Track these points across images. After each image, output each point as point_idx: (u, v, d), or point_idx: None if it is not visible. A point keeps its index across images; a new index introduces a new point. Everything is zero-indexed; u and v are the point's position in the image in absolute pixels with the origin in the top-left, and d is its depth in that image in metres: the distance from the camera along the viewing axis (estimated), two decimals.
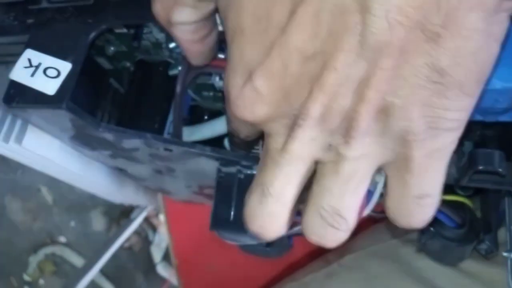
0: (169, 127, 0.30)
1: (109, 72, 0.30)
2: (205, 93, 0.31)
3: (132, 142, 0.25)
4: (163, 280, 0.85)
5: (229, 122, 0.24)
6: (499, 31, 0.16)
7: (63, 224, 0.88)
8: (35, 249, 0.89)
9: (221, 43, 0.23)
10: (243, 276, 0.41)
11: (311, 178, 0.19)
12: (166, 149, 0.25)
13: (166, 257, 0.85)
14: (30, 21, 0.24)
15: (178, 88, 0.26)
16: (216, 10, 0.19)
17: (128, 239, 0.84)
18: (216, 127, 0.29)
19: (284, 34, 0.15)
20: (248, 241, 0.27)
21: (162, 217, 0.83)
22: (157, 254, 0.85)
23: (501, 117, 0.23)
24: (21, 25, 0.24)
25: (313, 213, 0.18)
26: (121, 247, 0.84)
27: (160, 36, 0.26)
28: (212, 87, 0.29)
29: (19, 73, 0.22)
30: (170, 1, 0.19)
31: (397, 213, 0.18)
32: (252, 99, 0.17)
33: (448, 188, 0.27)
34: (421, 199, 0.17)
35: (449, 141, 0.16)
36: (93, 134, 0.24)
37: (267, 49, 0.16)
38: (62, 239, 0.89)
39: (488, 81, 0.20)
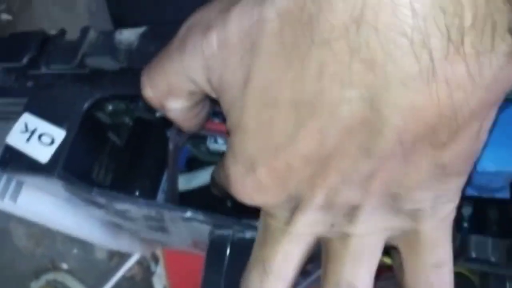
0: (164, 184, 0.30)
1: (107, 126, 0.31)
2: (203, 147, 0.31)
3: (124, 205, 0.25)
4: None
5: (217, 174, 0.24)
6: (490, 124, 0.16)
7: (65, 251, 0.88)
8: (36, 275, 0.89)
9: (214, 107, 0.23)
10: None
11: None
12: (158, 213, 0.25)
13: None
14: (29, 84, 0.25)
15: (171, 148, 0.27)
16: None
17: (130, 269, 0.84)
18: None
19: (290, 141, 0.15)
20: None
21: (159, 252, 0.83)
22: (158, 284, 0.84)
23: (496, 194, 0.23)
24: (21, 88, 0.25)
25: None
26: (123, 276, 0.84)
27: None
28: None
29: (15, 138, 0.23)
30: (163, 91, 0.19)
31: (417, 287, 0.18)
32: (254, 188, 0.17)
33: None
34: (438, 268, 0.18)
35: (450, 210, 0.17)
36: (86, 197, 0.24)
37: (271, 150, 0.16)
38: (64, 265, 0.89)
39: (482, 164, 0.20)
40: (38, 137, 0.22)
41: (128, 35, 0.24)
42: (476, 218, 0.25)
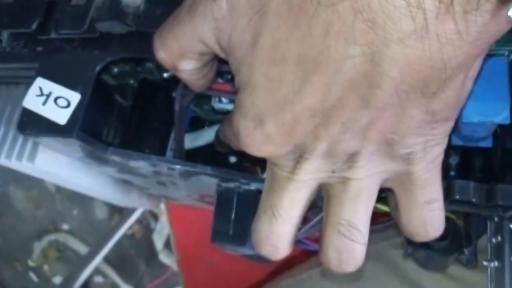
0: (172, 142, 0.31)
1: (113, 88, 0.32)
2: (205, 107, 0.32)
3: (137, 163, 0.26)
4: (164, 267, 0.88)
5: (222, 132, 0.25)
6: (475, 74, 0.18)
7: (66, 212, 0.91)
8: (39, 236, 0.92)
9: (220, 68, 0.24)
10: (242, 271, 0.43)
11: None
12: (169, 169, 0.27)
13: (167, 245, 0.88)
14: (39, 49, 0.25)
15: (177, 108, 0.28)
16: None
17: (130, 227, 0.86)
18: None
19: (297, 95, 0.17)
20: (246, 251, 0.29)
21: (163, 206, 0.85)
22: (158, 241, 0.87)
23: (480, 143, 0.25)
24: (30, 53, 0.25)
25: (331, 232, 0.20)
26: (124, 235, 0.87)
27: None
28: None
29: (31, 101, 0.24)
30: (175, 53, 0.20)
31: (413, 225, 0.20)
32: (262, 140, 0.18)
33: None
34: (430, 204, 0.20)
35: (439, 152, 0.19)
36: (101, 156, 0.26)
37: (278, 104, 0.17)
38: (65, 226, 0.92)
39: (467, 116, 0.22)
40: (54, 100, 0.23)
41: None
42: (462, 166, 0.27)
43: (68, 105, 0.23)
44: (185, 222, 0.44)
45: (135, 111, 0.31)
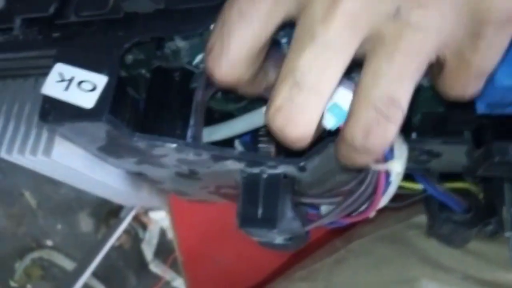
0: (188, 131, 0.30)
1: (124, 80, 0.31)
2: (217, 95, 0.32)
3: (163, 149, 0.25)
4: (155, 277, 0.86)
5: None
6: None
7: (49, 227, 0.87)
8: (21, 255, 0.88)
9: None
10: (249, 268, 0.42)
11: None
12: (196, 154, 0.26)
13: (157, 254, 0.85)
14: (56, 35, 0.24)
15: (198, 100, 0.27)
16: None
17: (118, 238, 0.84)
18: (234, 128, 0.30)
19: None
20: (275, 237, 0.28)
21: (152, 214, 0.83)
22: (148, 251, 0.85)
23: (507, 110, 0.25)
24: (46, 40, 0.24)
25: (366, 106, 0.16)
26: (112, 247, 0.84)
27: (182, 44, 0.27)
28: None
29: (52, 88, 0.23)
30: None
31: (453, 88, 0.17)
32: None
33: (455, 176, 0.30)
34: (481, 76, 0.17)
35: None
36: (124, 143, 0.25)
37: None
38: (49, 242, 0.88)
39: (498, 79, 0.22)
40: (78, 84, 0.22)
41: None
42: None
43: (94, 88, 0.22)
44: (189, 223, 0.43)
45: (150, 103, 0.30)
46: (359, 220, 0.26)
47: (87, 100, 0.22)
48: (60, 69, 0.23)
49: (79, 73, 0.23)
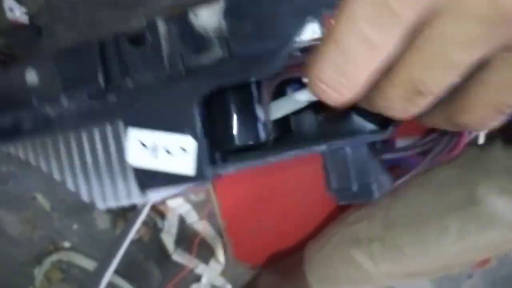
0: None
1: None
2: None
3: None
4: (178, 266, 0.85)
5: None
6: None
7: (65, 228, 0.86)
8: (39, 260, 0.87)
9: None
10: (292, 225, 0.41)
11: None
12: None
13: (178, 242, 0.84)
14: (111, 99, 0.22)
15: (266, 97, 0.24)
16: None
17: (136, 231, 0.83)
18: (297, 102, 0.28)
19: None
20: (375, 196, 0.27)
21: (169, 202, 0.82)
22: (168, 241, 0.84)
23: None
24: (104, 106, 0.22)
25: (488, 105, 0.16)
26: (131, 240, 0.83)
27: None
28: None
29: (139, 158, 0.21)
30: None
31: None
32: None
33: None
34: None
35: None
36: None
37: None
38: (67, 244, 0.87)
39: None
40: (165, 150, 0.21)
41: (207, 17, 0.20)
42: None
43: (184, 150, 0.21)
44: (229, 188, 0.42)
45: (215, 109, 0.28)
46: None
47: (186, 167, 0.20)
48: (136, 135, 0.21)
49: (160, 137, 0.21)
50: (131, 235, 0.79)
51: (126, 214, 0.83)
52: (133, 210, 0.81)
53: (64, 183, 0.27)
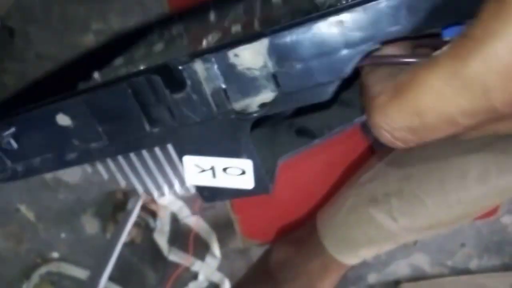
0: None
1: None
2: None
3: None
4: (173, 265, 0.83)
5: None
6: None
7: (52, 238, 0.83)
8: (27, 275, 0.83)
9: None
10: (301, 197, 0.41)
11: None
12: None
13: (171, 241, 0.83)
14: (155, 130, 0.21)
15: None
16: None
17: (128, 233, 0.80)
18: None
19: None
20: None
21: (160, 200, 0.80)
22: (162, 240, 0.82)
23: None
24: (151, 138, 0.22)
25: None
26: (123, 244, 0.81)
27: None
28: None
29: (198, 178, 0.22)
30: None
31: None
32: None
33: None
34: None
35: None
36: None
37: None
38: (55, 254, 0.84)
39: None
40: (223, 170, 0.21)
41: (251, 57, 0.19)
42: None
43: (244, 172, 0.21)
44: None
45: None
46: None
47: (245, 183, 0.21)
48: (191, 161, 0.21)
49: (216, 161, 0.21)
50: (123, 238, 0.77)
51: (116, 215, 0.81)
52: (123, 210, 0.79)
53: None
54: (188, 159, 0.21)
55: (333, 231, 0.36)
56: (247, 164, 0.21)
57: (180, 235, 0.82)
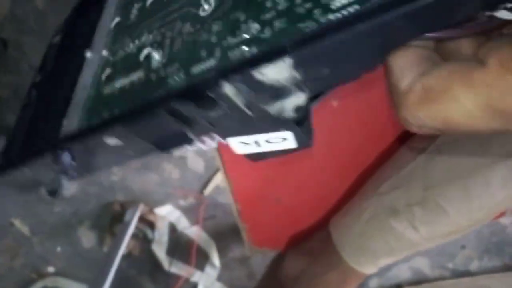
0: None
1: None
2: None
3: None
4: (173, 277, 0.82)
5: None
6: None
7: (48, 253, 0.81)
8: None
9: None
10: (312, 203, 0.40)
11: None
12: None
13: (170, 252, 0.81)
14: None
15: None
16: None
17: (126, 246, 0.79)
18: None
19: None
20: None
21: (157, 210, 0.79)
22: (160, 251, 0.81)
23: None
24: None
25: None
26: (121, 257, 0.79)
27: None
28: None
29: (244, 149, 0.23)
30: None
31: None
32: None
33: None
34: None
35: None
36: None
37: None
38: (51, 269, 0.82)
39: None
40: (266, 141, 0.22)
41: (277, 73, 0.19)
42: None
43: (285, 139, 0.22)
44: (242, 171, 0.40)
45: None
46: None
47: (288, 145, 0.22)
48: (235, 140, 0.22)
49: (259, 137, 0.22)
50: (121, 250, 0.76)
51: (113, 227, 0.79)
52: (121, 222, 0.78)
53: None
54: (231, 139, 0.23)
55: (351, 241, 0.35)
56: (287, 134, 0.22)
57: (179, 246, 0.81)
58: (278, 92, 0.20)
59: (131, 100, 0.24)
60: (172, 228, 0.80)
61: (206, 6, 0.23)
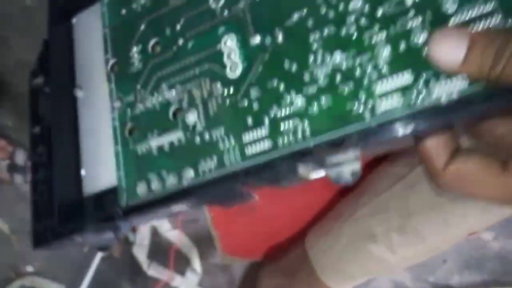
0: None
1: None
2: None
3: None
4: (152, 280, 0.81)
5: None
6: None
7: (27, 251, 0.80)
8: None
9: None
10: (288, 214, 0.40)
11: None
12: None
13: (151, 256, 0.81)
14: None
15: None
16: None
17: None
18: None
19: None
20: None
21: None
22: (141, 254, 0.80)
23: None
24: None
25: None
26: (101, 258, 0.78)
27: None
28: None
29: None
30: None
31: None
32: None
33: None
34: None
35: None
36: None
37: None
38: (29, 268, 0.81)
39: None
40: None
41: (345, 157, 0.21)
42: None
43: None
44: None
45: None
46: None
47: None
48: None
49: None
50: (101, 252, 0.75)
51: None
52: None
53: None
54: None
55: (330, 264, 0.35)
56: None
57: (160, 250, 0.80)
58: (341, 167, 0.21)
59: (181, 164, 0.22)
60: (154, 232, 0.80)
61: (229, 64, 0.22)
